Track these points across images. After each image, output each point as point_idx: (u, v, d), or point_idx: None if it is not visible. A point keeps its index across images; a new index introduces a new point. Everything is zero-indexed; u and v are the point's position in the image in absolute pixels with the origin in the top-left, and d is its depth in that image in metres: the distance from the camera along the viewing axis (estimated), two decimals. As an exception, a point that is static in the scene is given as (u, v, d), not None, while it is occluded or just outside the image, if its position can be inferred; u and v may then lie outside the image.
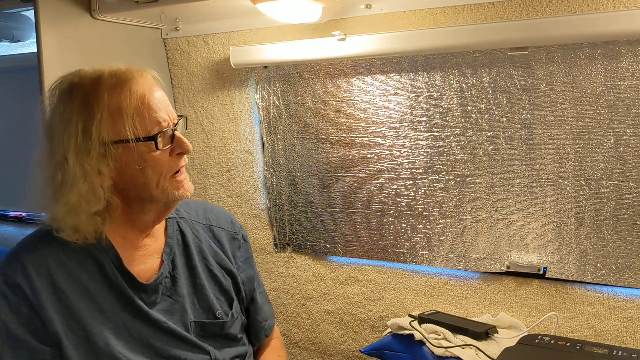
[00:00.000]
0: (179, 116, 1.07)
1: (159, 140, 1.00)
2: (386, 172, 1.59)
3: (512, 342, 1.26)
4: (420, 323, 1.42)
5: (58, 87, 1.02)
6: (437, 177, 1.52)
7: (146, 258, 1.10)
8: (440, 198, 1.53)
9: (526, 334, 1.32)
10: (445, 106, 1.47)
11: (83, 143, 0.96)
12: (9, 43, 2.25)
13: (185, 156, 1.06)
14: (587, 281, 1.37)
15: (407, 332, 1.40)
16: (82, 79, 1.00)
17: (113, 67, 1.02)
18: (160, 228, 1.14)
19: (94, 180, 0.97)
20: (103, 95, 0.97)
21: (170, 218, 1.17)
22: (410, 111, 1.52)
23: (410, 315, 1.47)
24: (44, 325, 0.97)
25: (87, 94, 0.98)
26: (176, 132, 1.04)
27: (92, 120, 0.96)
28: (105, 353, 0.99)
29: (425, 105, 1.50)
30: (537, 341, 1.23)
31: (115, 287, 1.04)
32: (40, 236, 1.04)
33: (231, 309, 1.18)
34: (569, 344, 1.20)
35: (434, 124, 1.50)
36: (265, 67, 1.70)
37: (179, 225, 1.17)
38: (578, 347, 1.18)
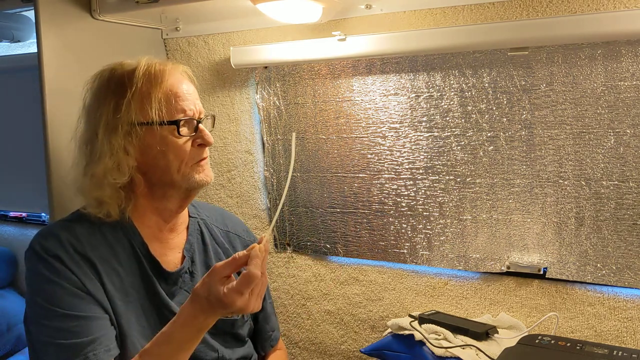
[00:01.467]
0: (211, 115, 1.15)
1: (181, 126, 1.05)
2: (386, 172, 1.59)
3: (512, 342, 1.26)
4: (420, 323, 1.42)
5: (100, 73, 1.10)
6: (437, 177, 1.52)
7: (167, 250, 1.14)
8: (440, 198, 1.53)
9: (526, 334, 1.32)
10: (445, 106, 1.47)
11: (112, 120, 1.03)
12: (9, 43, 2.25)
13: (206, 148, 1.11)
14: (587, 281, 1.37)
15: (407, 332, 1.40)
16: (122, 67, 1.08)
17: (150, 59, 1.10)
18: (182, 223, 1.18)
19: (120, 157, 1.03)
20: (136, 80, 1.04)
21: (192, 217, 1.21)
22: (410, 111, 1.52)
23: (410, 315, 1.47)
24: (91, 294, 1.00)
25: (123, 79, 1.06)
26: (200, 124, 1.09)
27: (122, 100, 1.03)
28: (125, 334, 1.03)
29: (425, 105, 1.50)
30: (537, 341, 1.23)
31: (141, 272, 1.08)
32: (73, 218, 1.10)
33: None
34: (569, 344, 1.20)
35: (434, 124, 1.50)
36: (265, 67, 1.70)
37: (199, 225, 1.21)
38: (578, 347, 1.18)
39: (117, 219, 1.07)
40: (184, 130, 1.06)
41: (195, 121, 1.08)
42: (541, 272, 1.42)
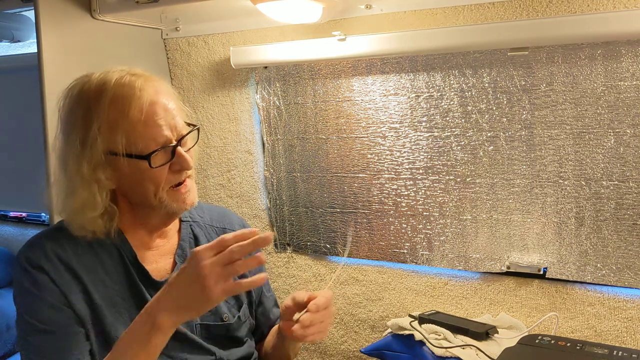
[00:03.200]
0: (190, 124, 1.05)
1: (153, 158, 0.99)
2: (386, 172, 1.59)
3: (512, 342, 1.26)
4: (420, 323, 1.42)
5: (70, 90, 1.03)
6: (437, 177, 1.52)
7: (158, 257, 1.11)
8: (440, 198, 1.53)
9: (526, 334, 1.32)
10: (445, 106, 1.47)
11: (81, 151, 0.98)
12: (9, 43, 2.25)
13: (188, 171, 1.05)
14: (587, 281, 1.37)
15: (407, 332, 1.40)
16: (90, 85, 1.01)
17: (122, 74, 1.01)
18: (173, 228, 1.16)
19: (92, 188, 0.99)
20: (104, 106, 0.97)
21: (184, 220, 1.18)
22: (410, 111, 1.52)
23: (410, 315, 1.47)
24: (71, 307, 0.99)
25: (90, 103, 0.99)
26: (178, 148, 1.01)
27: (89, 130, 0.97)
28: (112, 345, 1.00)
29: (425, 105, 1.50)
30: (537, 341, 1.23)
31: (129, 281, 1.06)
32: (60, 227, 1.06)
33: (239, 311, 1.18)
34: (569, 344, 1.20)
35: (434, 124, 1.50)
36: (265, 67, 1.70)
37: (191, 229, 1.19)
38: (578, 347, 1.18)
39: (104, 236, 1.03)
40: (157, 160, 0.98)
41: (171, 147, 1.00)
42: (541, 272, 1.42)
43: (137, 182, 1.01)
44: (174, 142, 1.01)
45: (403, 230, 1.59)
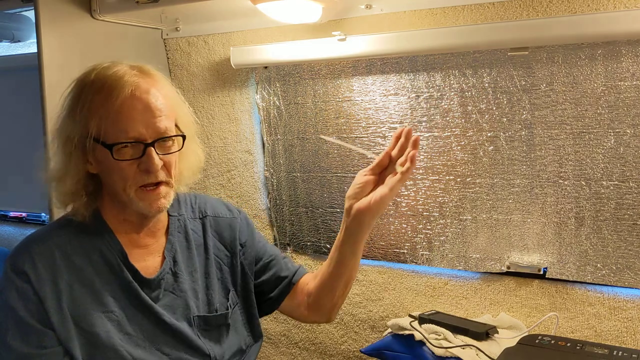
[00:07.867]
0: (179, 135, 1.06)
1: (117, 150, 1.00)
2: (386, 172, 1.59)
3: (512, 342, 1.26)
4: (420, 323, 1.42)
5: (77, 78, 1.07)
6: (437, 177, 1.52)
7: (147, 256, 1.12)
8: (440, 198, 1.53)
9: (526, 334, 1.32)
10: (445, 106, 1.47)
11: (71, 126, 1.03)
12: (9, 43, 2.25)
13: (157, 173, 1.03)
14: (587, 281, 1.38)
15: (407, 332, 1.40)
16: (91, 73, 1.04)
17: (121, 66, 1.04)
18: (161, 228, 1.16)
19: (74, 161, 1.03)
20: (91, 91, 1.01)
21: (171, 215, 1.18)
22: (410, 111, 1.52)
23: (410, 315, 1.47)
24: (47, 313, 0.99)
25: (84, 87, 1.03)
26: (150, 148, 1.00)
27: (76, 111, 1.02)
28: (106, 345, 1.01)
29: (425, 105, 1.50)
30: (537, 341, 1.23)
31: (120, 280, 1.06)
32: (52, 229, 1.08)
33: (227, 299, 1.19)
34: (569, 344, 1.20)
35: (434, 124, 1.50)
36: (265, 67, 1.70)
37: (179, 222, 1.19)
38: (578, 347, 1.18)
39: (85, 219, 1.05)
40: (122, 153, 1.00)
41: (142, 144, 1.00)
42: (541, 272, 1.42)
43: (107, 171, 1.04)
44: (148, 141, 1.01)
45: (403, 230, 1.59)
